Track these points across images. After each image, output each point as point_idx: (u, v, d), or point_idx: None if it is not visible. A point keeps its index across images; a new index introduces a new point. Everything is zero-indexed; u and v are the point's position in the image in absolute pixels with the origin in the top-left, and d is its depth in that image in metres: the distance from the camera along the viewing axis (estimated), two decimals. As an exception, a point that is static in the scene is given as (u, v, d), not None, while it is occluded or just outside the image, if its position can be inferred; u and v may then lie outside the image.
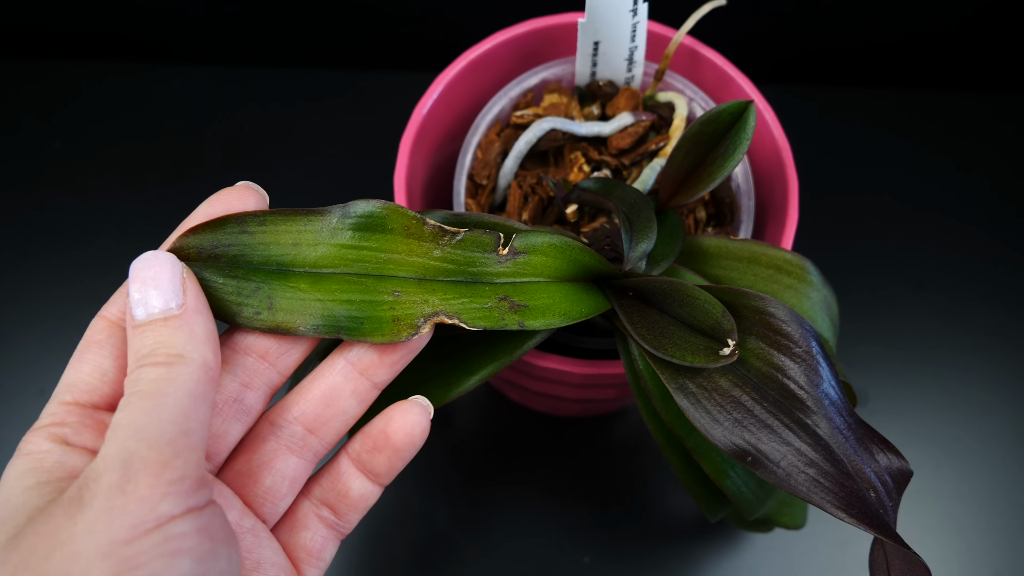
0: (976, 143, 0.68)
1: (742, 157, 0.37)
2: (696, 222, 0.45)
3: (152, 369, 0.25)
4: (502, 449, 0.57)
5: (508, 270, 0.32)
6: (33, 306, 0.61)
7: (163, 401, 0.24)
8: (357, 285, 0.30)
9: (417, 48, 0.70)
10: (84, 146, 0.66)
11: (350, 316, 0.30)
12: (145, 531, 0.22)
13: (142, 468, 0.22)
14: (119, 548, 0.21)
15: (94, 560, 0.21)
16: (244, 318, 0.29)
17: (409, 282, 0.31)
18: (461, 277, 0.31)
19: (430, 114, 0.45)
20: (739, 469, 0.36)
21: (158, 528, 0.22)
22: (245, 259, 0.30)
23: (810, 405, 0.32)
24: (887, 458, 0.33)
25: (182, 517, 0.22)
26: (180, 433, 0.24)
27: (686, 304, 0.32)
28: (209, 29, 0.69)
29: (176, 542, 0.22)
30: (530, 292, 0.32)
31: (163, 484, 0.22)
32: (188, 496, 0.23)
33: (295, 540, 0.31)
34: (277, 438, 0.30)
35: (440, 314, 0.30)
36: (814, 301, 0.39)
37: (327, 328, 0.29)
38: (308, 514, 0.31)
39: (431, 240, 0.31)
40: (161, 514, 0.22)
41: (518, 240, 0.32)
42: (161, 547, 0.22)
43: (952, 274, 0.63)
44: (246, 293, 0.29)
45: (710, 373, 0.31)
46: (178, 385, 0.25)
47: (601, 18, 0.42)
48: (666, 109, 0.46)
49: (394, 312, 0.30)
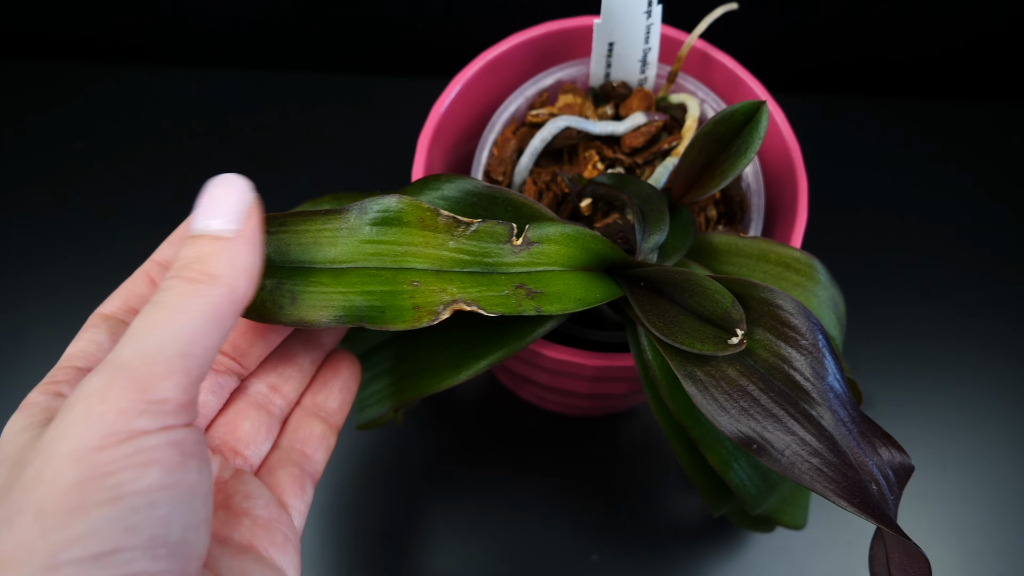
0: (983, 153, 0.69)
1: (754, 156, 0.37)
2: (707, 220, 0.45)
3: (181, 282, 0.25)
4: (512, 447, 0.58)
5: (523, 260, 0.33)
6: (51, 304, 0.62)
7: (177, 317, 0.24)
8: (377, 278, 0.31)
9: (433, 54, 0.71)
10: (104, 147, 0.68)
11: (371, 306, 0.30)
12: (117, 441, 0.22)
13: (128, 382, 0.22)
14: (90, 454, 0.21)
15: (66, 463, 0.21)
16: (267, 312, 0.30)
17: (427, 273, 0.32)
18: (477, 268, 0.32)
19: (448, 112, 0.46)
20: (743, 462, 0.37)
21: (130, 440, 0.22)
22: (267, 259, 0.30)
23: (815, 396, 0.32)
24: (889, 452, 0.34)
25: (157, 433, 0.22)
26: (180, 354, 0.23)
27: (696, 294, 0.33)
28: (228, 34, 0.71)
29: (147, 454, 0.22)
30: (545, 280, 0.33)
31: (143, 402, 0.22)
32: (167, 417, 0.23)
33: (275, 480, 0.32)
34: (247, 396, 0.34)
35: (459, 301, 0.31)
36: (821, 299, 0.40)
37: (349, 319, 0.30)
38: (282, 458, 0.33)
39: (446, 231, 0.32)
40: (135, 428, 0.22)
41: (532, 230, 0.33)
42: (132, 458, 0.22)
43: (958, 280, 0.64)
44: (268, 288, 0.30)
45: (718, 362, 0.32)
46: (198, 305, 0.24)
47: (616, 19, 0.43)
48: (678, 110, 0.47)
49: (414, 300, 0.31)
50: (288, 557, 0.29)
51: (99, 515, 0.21)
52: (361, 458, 0.57)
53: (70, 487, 0.21)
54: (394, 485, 0.56)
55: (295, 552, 0.30)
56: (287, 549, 0.29)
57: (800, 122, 0.48)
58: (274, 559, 0.29)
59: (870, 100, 0.71)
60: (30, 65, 0.71)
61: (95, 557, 0.21)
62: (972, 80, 0.73)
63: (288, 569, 0.29)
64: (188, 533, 0.23)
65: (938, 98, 0.71)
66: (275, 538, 0.29)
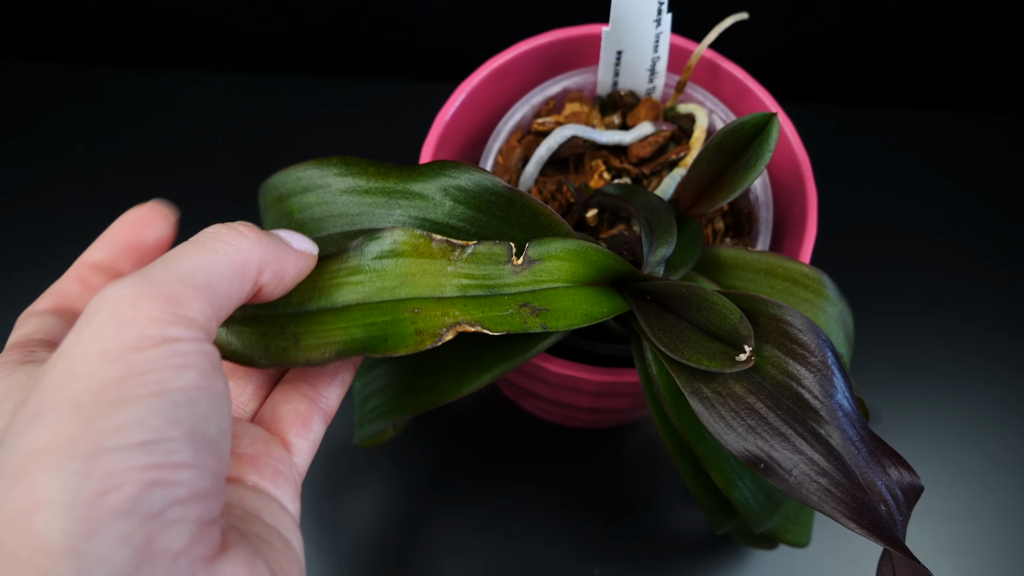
0: (990, 165, 0.68)
1: (764, 168, 0.37)
2: (714, 232, 0.45)
3: (221, 228, 0.27)
4: (514, 459, 0.57)
5: (525, 279, 0.32)
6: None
7: (208, 254, 0.25)
8: (377, 310, 0.31)
9: (437, 60, 0.70)
10: (104, 149, 0.67)
11: (373, 336, 0.30)
12: (153, 344, 0.22)
13: (159, 294, 0.23)
14: (127, 354, 0.22)
15: (102, 361, 0.21)
16: (272, 357, 0.30)
17: (427, 300, 0.31)
18: (479, 291, 0.32)
19: (453, 120, 0.46)
20: (747, 480, 0.36)
21: (166, 344, 0.22)
22: (269, 308, 0.31)
23: (823, 415, 0.32)
24: (898, 472, 0.33)
25: (190, 341, 0.23)
26: (206, 284, 0.24)
27: (704, 309, 0.32)
28: (230, 37, 0.70)
29: (183, 358, 0.22)
30: (550, 296, 0.32)
31: (175, 315, 0.23)
32: (196, 331, 0.23)
33: (277, 416, 0.32)
34: None
35: (462, 323, 0.31)
36: (830, 315, 0.39)
37: (351, 351, 0.30)
38: (288, 392, 0.32)
39: (442, 257, 0.31)
40: (169, 335, 0.22)
41: (532, 248, 0.32)
42: (169, 359, 0.22)
43: (965, 294, 0.63)
44: (272, 335, 0.30)
45: (725, 379, 0.32)
46: (227, 250, 0.26)
47: (625, 28, 0.42)
48: (686, 120, 0.46)
49: (416, 326, 0.31)
50: (281, 489, 0.29)
51: (143, 406, 0.21)
52: (359, 468, 0.56)
53: (109, 383, 0.21)
54: (393, 496, 0.55)
55: (288, 483, 0.29)
56: (278, 481, 0.29)
57: (806, 131, 0.47)
58: (266, 488, 0.28)
59: (877, 110, 0.70)
60: (29, 66, 0.70)
61: (142, 444, 0.21)
62: (979, 92, 0.72)
63: (284, 499, 0.29)
64: (222, 436, 0.23)
65: (945, 110, 0.70)
66: (264, 471, 0.29)
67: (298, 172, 0.37)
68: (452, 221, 0.34)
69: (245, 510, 0.27)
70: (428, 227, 0.34)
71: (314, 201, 0.36)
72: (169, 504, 0.21)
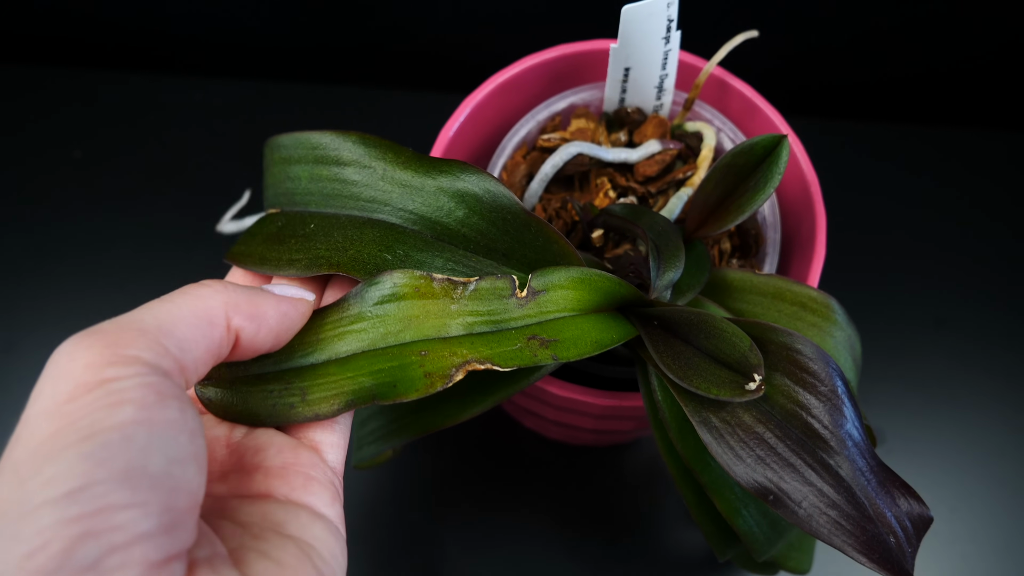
0: (998, 183, 0.67)
1: (773, 191, 0.36)
2: (720, 253, 0.44)
3: (187, 285, 0.27)
4: (514, 476, 0.56)
5: (531, 311, 0.31)
6: (45, 314, 0.61)
7: (162, 305, 0.25)
8: (383, 356, 0.30)
9: (442, 69, 0.70)
10: (103, 155, 0.67)
11: (381, 383, 0.30)
12: (88, 390, 0.22)
13: (97, 340, 0.23)
14: (61, 407, 0.21)
15: (39, 420, 0.21)
16: (279, 414, 0.29)
17: (434, 341, 0.30)
18: (485, 327, 0.31)
19: (457, 135, 0.45)
20: (752, 509, 0.35)
21: (100, 386, 0.22)
22: (272, 364, 0.30)
23: (833, 445, 0.31)
24: (908, 503, 0.33)
25: (127, 378, 0.22)
26: (156, 328, 0.24)
27: (713, 336, 0.32)
28: (232, 44, 0.70)
29: (119, 395, 0.22)
30: (558, 327, 0.31)
31: (113, 355, 0.22)
32: (138, 367, 0.23)
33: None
34: None
35: (472, 362, 0.30)
36: (838, 340, 0.39)
37: (360, 400, 0.30)
38: None
39: (444, 296, 0.31)
40: (104, 376, 0.22)
41: (535, 280, 0.32)
42: (103, 399, 0.22)
43: (972, 313, 0.62)
44: (277, 391, 0.30)
45: (733, 408, 0.31)
46: (188, 299, 0.26)
47: (633, 45, 0.42)
48: (694, 139, 0.46)
49: (424, 368, 0.30)
50: (315, 495, 0.28)
51: (71, 454, 0.21)
52: (357, 486, 0.55)
53: (43, 439, 0.21)
54: (392, 513, 0.55)
55: (323, 487, 0.29)
56: (311, 487, 0.28)
57: (813, 146, 0.46)
58: (298, 499, 0.28)
59: (885, 126, 0.70)
60: (30, 71, 0.70)
61: (68, 495, 0.20)
62: (987, 109, 0.72)
63: (318, 504, 0.28)
64: (173, 467, 0.22)
65: (953, 127, 0.70)
66: (294, 481, 0.28)
67: (314, 138, 0.36)
68: (464, 230, 0.33)
69: (264, 527, 0.26)
70: (439, 231, 0.33)
71: (325, 175, 0.36)
72: (105, 553, 0.20)
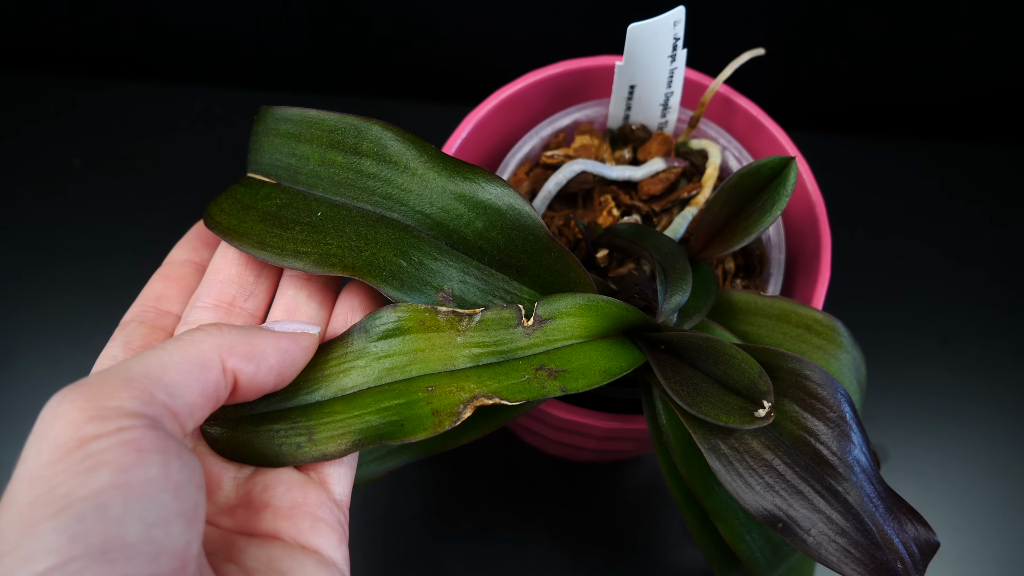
0: (1005, 199, 0.67)
1: (780, 213, 0.36)
2: (724, 272, 0.44)
3: (198, 328, 0.27)
4: (513, 492, 0.56)
5: (538, 340, 0.31)
6: (43, 324, 0.60)
7: (151, 354, 0.25)
8: (389, 392, 0.30)
9: (444, 81, 0.69)
10: (102, 165, 0.66)
11: (388, 422, 0.29)
12: (67, 452, 0.21)
13: (81, 394, 0.23)
14: (42, 470, 0.21)
15: (21, 485, 0.21)
16: (287, 455, 0.29)
17: (440, 376, 0.30)
18: (492, 359, 0.31)
19: (459, 151, 0.45)
20: (755, 533, 0.35)
21: (80, 447, 0.22)
22: (277, 402, 0.30)
23: (841, 471, 0.31)
24: (915, 528, 0.33)
25: (107, 436, 0.22)
26: (143, 376, 0.24)
27: (721, 362, 0.31)
28: (232, 52, 0.69)
29: (96, 458, 0.22)
30: (566, 356, 0.31)
31: (94, 409, 0.22)
32: (120, 419, 0.22)
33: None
34: None
35: (479, 396, 0.29)
36: (843, 363, 0.38)
37: (368, 440, 0.29)
38: None
39: (449, 328, 0.31)
40: (84, 434, 0.22)
41: (541, 308, 0.31)
42: (80, 464, 0.21)
43: (976, 330, 0.62)
44: (283, 431, 0.29)
45: (742, 434, 0.31)
46: (179, 345, 0.26)
47: (639, 62, 0.42)
48: (699, 157, 0.45)
49: (432, 406, 0.30)
50: (323, 537, 0.28)
51: (47, 528, 0.20)
52: (356, 501, 0.55)
53: (23, 508, 0.21)
54: (391, 530, 0.54)
55: (331, 529, 0.28)
56: (319, 529, 0.28)
57: (817, 162, 0.46)
58: (306, 542, 0.28)
59: (887, 142, 0.69)
60: (28, 79, 0.69)
61: (43, 574, 0.20)
62: (993, 124, 0.72)
63: (325, 547, 0.28)
64: (153, 530, 0.22)
65: (959, 142, 0.70)
66: (301, 522, 0.28)
67: (331, 120, 0.35)
68: (481, 243, 0.33)
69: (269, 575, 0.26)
70: (454, 240, 0.33)
71: (340, 162, 0.34)
72: None
